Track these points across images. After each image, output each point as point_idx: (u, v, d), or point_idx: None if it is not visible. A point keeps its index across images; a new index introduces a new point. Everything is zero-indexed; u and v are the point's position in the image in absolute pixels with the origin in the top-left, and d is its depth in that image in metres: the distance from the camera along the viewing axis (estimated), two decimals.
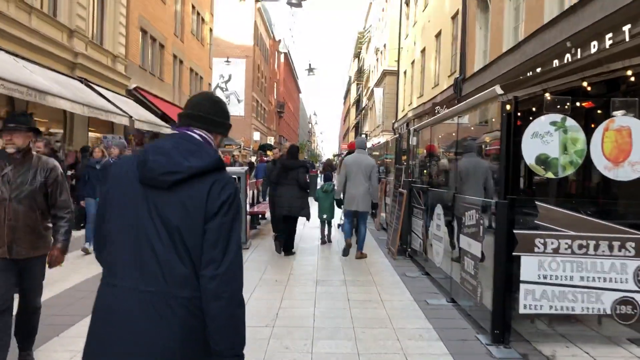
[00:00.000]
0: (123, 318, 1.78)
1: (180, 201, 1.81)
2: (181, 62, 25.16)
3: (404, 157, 10.56)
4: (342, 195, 8.61)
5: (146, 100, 18.72)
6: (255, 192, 15.79)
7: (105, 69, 16.37)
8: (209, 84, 31.81)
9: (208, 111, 2.03)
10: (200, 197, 1.82)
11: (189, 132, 1.98)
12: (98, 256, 2.01)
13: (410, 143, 9.60)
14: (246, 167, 12.19)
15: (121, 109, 14.78)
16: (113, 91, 16.76)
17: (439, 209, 6.83)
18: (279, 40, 71.09)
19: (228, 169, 6.04)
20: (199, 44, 28.71)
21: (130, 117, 14.59)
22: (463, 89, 17.04)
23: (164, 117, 19.04)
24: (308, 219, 9.10)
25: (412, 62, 27.12)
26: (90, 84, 14.76)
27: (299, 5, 25.60)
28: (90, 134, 15.41)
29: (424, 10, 24.43)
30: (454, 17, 19.35)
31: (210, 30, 32.03)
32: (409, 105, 27.41)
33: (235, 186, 1.92)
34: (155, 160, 1.84)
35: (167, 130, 17.71)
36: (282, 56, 75.53)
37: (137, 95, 18.50)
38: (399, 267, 8.05)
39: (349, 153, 10.04)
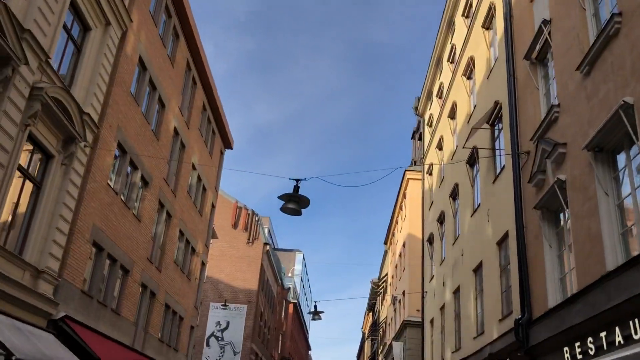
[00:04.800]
0: None
1: None
2: (153, 294, 20.22)
3: None
4: None
5: (77, 337, 13.28)
6: None
7: (17, 289, 11.44)
8: (191, 327, 26.26)
9: None
10: None
11: None
12: None
13: None
14: None
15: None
16: (23, 320, 11.58)
17: None
18: (288, 289, 66.95)
19: None
20: (183, 277, 24.14)
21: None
22: (531, 335, 11.53)
23: None
24: None
25: (442, 308, 21.86)
26: None
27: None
28: None
29: (455, 243, 20.16)
30: (501, 242, 14.82)
31: (203, 264, 27.80)
32: None
33: None
34: None
35: None
36: (290, 306, 70.56)
37: (65, 329, 13.16)
38: None
39: None
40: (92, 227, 14.81)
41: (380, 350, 49.27)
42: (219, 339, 43.23)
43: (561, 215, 11.31)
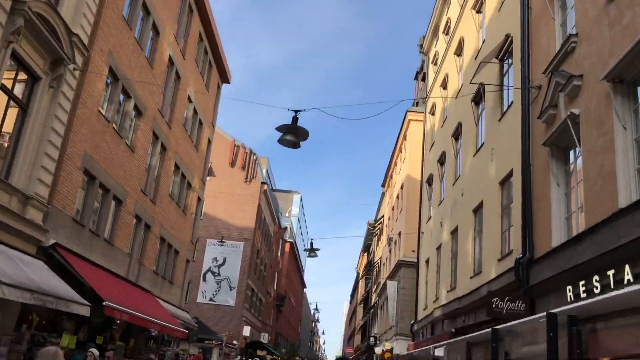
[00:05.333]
0: None
1: None
2: (148, 227, 19.99)
3: None
4: None
5: (68, 265, 13.04)
6: None
7: (3, 214, 11.06)
8: (187, 262, 26.28)
9: None
10: None
11: None
12: None
13: None
14: None
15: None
16: (11, 246, 11.27)
17: None
18: (285, 228, 67.36)
19: None
20: (179, 211, 23.89)
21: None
22: (532, 274, 11.29)
23: (91, 295, 13.11)
24: None
25: (438, 248, 21.75)
26: None
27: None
28: None
29: (455, 183, 19.79)
30: (504, 182, 14.41)
31: (199, 199, 27.53)
32: (434, 302, 21.35)
33: None
34: None
35: (77, 307, 11.69)
36: (287, 245, 71.25)
37: (55, 257, 12.90)
38: None
39: None
40: (82, 155, 14.32)
41: (374, 290, 50.02)
42: (216, 274, 43.67)
43: (571, 152, 10.83)
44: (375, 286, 49.55)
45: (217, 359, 32.32)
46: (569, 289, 9.27)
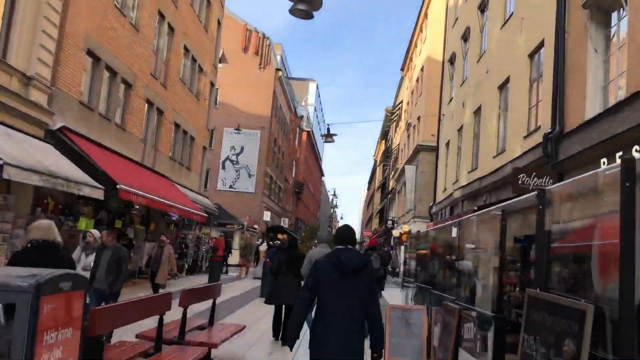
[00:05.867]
0: (332, 333, 4.04)
1: (361, 279, 4.16)
2: (160, 112, 19.50)
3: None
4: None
5: (77, 148, 12.73)
6: None
7: (6, 95, 10.56)
8: (204, 148, 26.07)
9: (353, 238, 4.46)
10: (365, 277, 4.19)
11: (350, 247, 4.34)
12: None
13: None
14: None
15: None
16: (17, 129, 10.90)
17: None
18: (301, 117, 66.69)
19: None
20: (192, 97, 23.25)
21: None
22: (561, 149, 10.69)
23: (105, 179, 12.88)
24: None
25: (460, 129, 21.06)
26: None
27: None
28: None
29: (479, 60, 18.67)
30: (533, 54, 13.39)
31: (212, 84, 26.75)
32: (454, 183, 21.06)
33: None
34: (348, 260, 4.16)
35: (90, 190, 11.52)
36: (304, 134, 71.00)
37: (64, 140, 12.57)
38: None
39: (368, 249, 11.57)
40: (84, 35, 13.51)
41: (392, 176, 50.17)
42: (234, 162, 43.84)
43: (613, 14, 9.77)
44: (393, 172, 49.63)
45: (239, 242, 33.08)
46: (604, 162, 8.70)
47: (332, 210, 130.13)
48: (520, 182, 10.54)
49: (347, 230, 4.50)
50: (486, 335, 4.22)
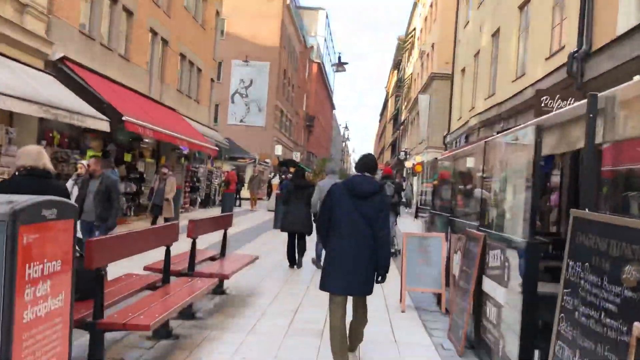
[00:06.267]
0: (346, 250, 4.33)
1: (370, 204, 4.39)
2: (165, 41, 18.80)
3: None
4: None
5: (79, 79, 12.26)
6: None
7: (1, 24, 10.02)
8: (212, 80, 25.43)
9: (372, 165, 4.67)
10: (379, 202, 4.43)
11: (366, 174, 4.60)
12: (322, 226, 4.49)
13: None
14: None
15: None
16: (16, 60, 10.42)
17: None
18: (311, 47, 65.01)
19: None
20: (197, 26, 22.39)
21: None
22: (588, 69, 10.05)
23: (110, 111, 12.47)
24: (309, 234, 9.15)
25: (476, 54, 20.18)
26: None
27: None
28: None
29: None
30: None
31: (218, 13, 25.74)
32: (470, 110, 20.41)
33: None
34: (360, 186, 4.46)
35: (94, 122, 11.16)
36: (314, 66, 69.48)
37: (65, 71, 12.08)
38: None
39: (384, 178, 11.65)
40: None
41: (404, 106, 49.28)
42: (243, 95, 43.12)
43: None
44: (405, 103, 48.69)
45: (251, 175, 32.94)
46: (636, 78, 8.10)
47: (343, 144, 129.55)
48: (543, 105, 9.99)
49: (367, 158, 4.81)
50: (516, 263, 3.90)
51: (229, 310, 6.22)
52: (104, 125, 11.49)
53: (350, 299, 4.46)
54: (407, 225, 16.58)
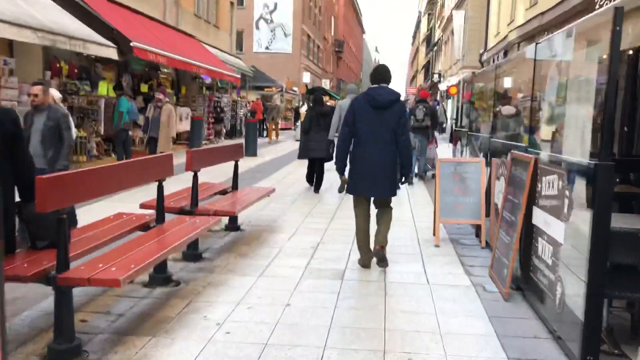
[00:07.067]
0: (370, 155, 4.74)
1: (392, 113, 4.72)
2: None
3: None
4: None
5: (84, 3, 11.37)
6: None
7: None
8: (231, 4, 24.12)
9: (386, 76, 4.91)
10: (398, 110, 4.78)
11: (384, 85, 4.85)
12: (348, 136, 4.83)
13: None
14: None
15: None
16: None
17: None
18: None
19: None
20: None
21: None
22: None
23: (119, 37, 11.63)
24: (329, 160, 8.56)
25: None
26: None
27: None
28: None
29: None
30: None
31: None
32: (509, 24, 18.80)
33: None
34: (380, 96, 4.73)
35: (99, 49, 10.35)
36: None
37: None
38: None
39: (419, 102, 11.53)
40: None
41: (437, 25, 46.83)
42: (268, 21, 41.45)
43: None
44: (439, 22, 46.20)
45: (279, 103, 32.00)
46: None
47: None
48: (598, 7, 8.70)
49: (382, 68, 5.05)
50: (581, 191, 3.04)
51: (241, 249, 5.59)
52: (110, 52, 10.70)
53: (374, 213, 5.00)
54: (441, 151, 15.61)
